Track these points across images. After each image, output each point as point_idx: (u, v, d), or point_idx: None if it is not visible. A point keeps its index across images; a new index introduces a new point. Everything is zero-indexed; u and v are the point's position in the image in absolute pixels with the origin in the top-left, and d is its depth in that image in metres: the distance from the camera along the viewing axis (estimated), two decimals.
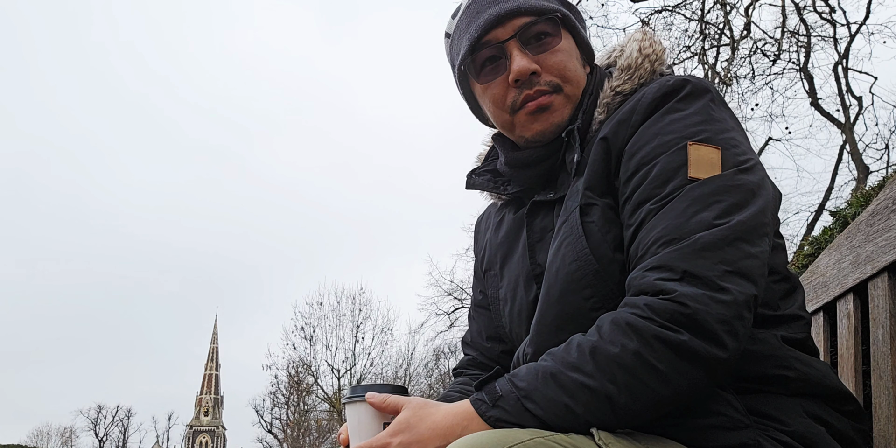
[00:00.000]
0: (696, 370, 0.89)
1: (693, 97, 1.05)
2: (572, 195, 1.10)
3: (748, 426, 0.96)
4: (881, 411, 1.27)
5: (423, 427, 0.96)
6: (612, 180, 1.07)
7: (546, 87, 1.15)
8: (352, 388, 1.07)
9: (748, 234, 0.94)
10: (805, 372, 1.01)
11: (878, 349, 1.31)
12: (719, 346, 0.89)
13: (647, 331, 0.90)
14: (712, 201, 0.95)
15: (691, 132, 1.01)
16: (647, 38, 1.18)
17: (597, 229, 1.05)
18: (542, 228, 1.17)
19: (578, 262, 1.04)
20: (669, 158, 1.00)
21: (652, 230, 0.97)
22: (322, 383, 27.25)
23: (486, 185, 1.30)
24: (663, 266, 0.93)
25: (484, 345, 1.36)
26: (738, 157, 1.00)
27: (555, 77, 1.15)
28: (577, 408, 0.90)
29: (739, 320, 0.91)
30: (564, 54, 1.16)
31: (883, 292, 1.32)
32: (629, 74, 1.14)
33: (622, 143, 1.06)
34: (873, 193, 2.88)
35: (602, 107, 1.14)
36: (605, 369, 0.90)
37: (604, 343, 0.92)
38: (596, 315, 1.00)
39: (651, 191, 1.00)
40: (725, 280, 0.91)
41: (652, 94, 1.06)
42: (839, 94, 12.19)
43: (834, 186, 12.40)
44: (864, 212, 1.44)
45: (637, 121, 1.06)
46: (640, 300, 0.93)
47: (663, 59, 1.17)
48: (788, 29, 11.73)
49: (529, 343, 1.12)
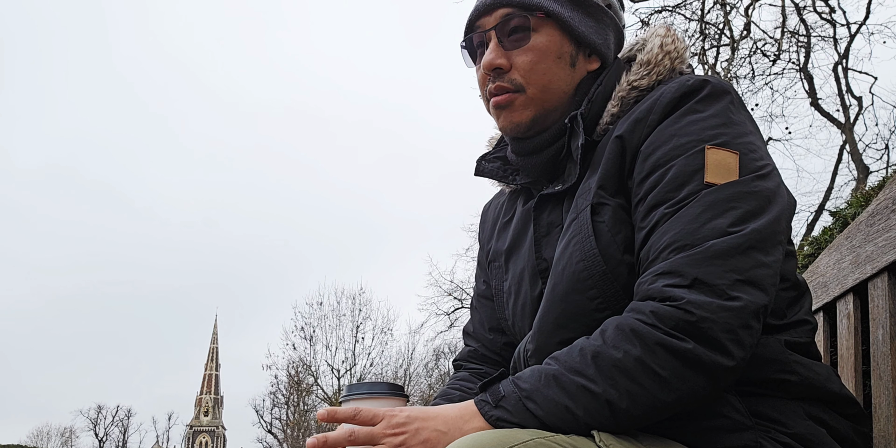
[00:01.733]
0: (700, 378, 0.89)
1: (712, 99, 1.03)
2: (584, 192, 1.08)
3: (750, 428, 0.95)
4: (881, 412, 1.27)
5: (428, 420, 0.95)
6: (626, 180, 1.05)
7: (507, 85, 1.13)
8: (348, 386, 1.08)
9: (762, 243, 0.93)
10: (807, 376, 1.01)
11: (878, 349, 1.31)
12: (725, 355, 0.88)
13: (650, 337, 0.89)
14: (727, 208, 0.94)
15: (709, 135, 0.99)
16: (669, 34, 1.16)
17: (607, 229, 1.03)
18: (549, 223, 1.16)
19: (585, 262, 1.03)
20: (686, 162, 0.98)
21: (664, 235, 0.96)
22: (322, 383, 27.27)
23: (495, 173, 1.28)
24: (673, 272, 0.92)
25: (486, 336, 1.35)
26: (756, 163, 0.98)
27: (519, 76, 1.13)
28: (576, 410, 0.90)
29: (746, 330, 0.90)
30: (536, 54, 1.13)
31: (883, 292, 1.32)
32: (648, 70, 1.12)
33: (638, 142, 1.04)
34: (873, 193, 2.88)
35: (616, 99, 1.11)
36: (607, 374, 0.90)
37: (607, 348, 0.91)
38: (600, 316, 0.99)
39: (665, 194, 0.98)
40: (736, 289, 0.90)
41: (671, 94, 1.04)
42: (839, 94, 12.19)
43: (834, 186, 12.40)
44: (864, 212, 1.44)
45: (654, 120, 1.04)
46: (647, 306, 0.92)
47: (684, 57, 1.15)
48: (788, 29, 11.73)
49: (531, 339, 1.11)
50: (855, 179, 11.85)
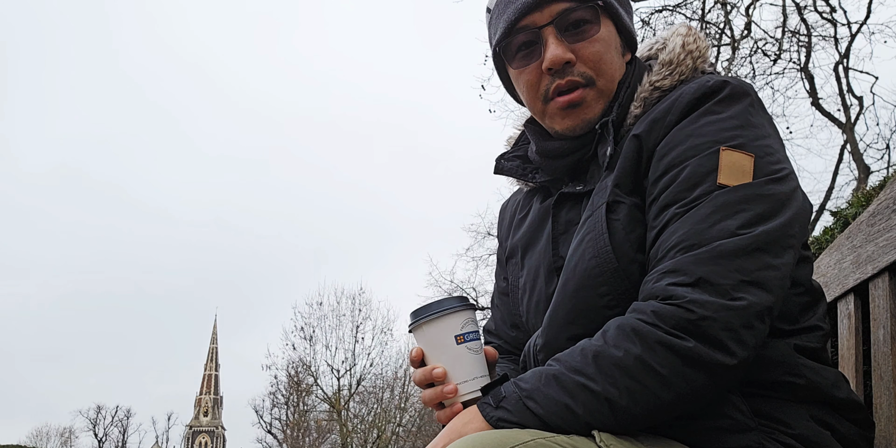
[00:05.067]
0: (700, 376, 0.89)
1: (732, 100, 1.02)
2: (600, 191, 1.08)
3: (753, 429, 0.95)
4: (882, 412, 1.27)
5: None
6: (641, 179, 1.05)
7: (579, 79, 1.11)
8: (413, 312, 1.07)
9: (771, 245, 0.93)
10: (815, 380, 1.00)
11: (879, 349, 1.30)
12: (726, 354, 0.88)
13: (651, 336, 0.90)
14: (738, 210, 0.94)
15: (725, 137, 0.99)
16: (691, 33, 1.15)
17: (621, 228, 1.03)
18: (568, 221, 1.15)
19: (598, 259, 1.03)
20: (700, 162, 0.98)
21: (673, 234, 0.96)
22: (322, 383, 27.28)
23: (515, 172, 1.28)
24: (678, 270, 0.93)
25: (508, 333, 1.34)
26: (772, 166, 0.98)
27: (589, 69, 1.11)
28: (576, 408, 0.90)
29: (748, 330, 0.89)
30: (602, 44, 1.12)
31: (884, 292, 1.31)
32: (670, 70, 1.12)
33: (654, 142, 1.04)
34: (874, 193, 2.88)
35: (639, 101, 1.11)
36: (607, 372, 0.90)
37: (608, 347, 0.91)
38: (610, 313, 0.99)
39: (678, 194, 0.98)
40: (740, 289, 0.90)
41: (690, 95, 1.04)
42: (840, 93, 12.17)
43: (835, 186, 12.39)
44: (865, 212, 1.44)
45: (672, 121, 1.04)
46: (648, 306, 0.92)
47: (706, 56, 1.14)
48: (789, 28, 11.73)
49: (541, 334, 1.11)
50: (856, 179, 11.85)
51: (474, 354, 1.05)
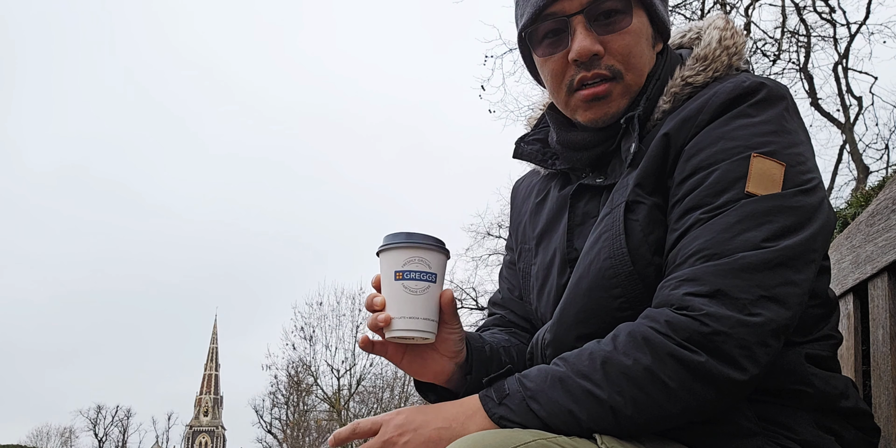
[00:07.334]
0: (709, 391, 0.87)
1: (767, 104, 0.98)
2: (621, 188, 1.05)
3: (756, 434, 0.94)
4: (881, 412, 1.27)
5: (428, 419, 0.95)
6: (666, 179, 1.02)
7: (606, 72, 1.06)
8: (385, 236, 1.04)
9: (794, 261, 0.91)
10: (823, 389, 0.99)
11: (878, 349, 1.30)
12: (737, 370, 0.87)
13: (662, 347, 0.88)
14: (764, 221, 0.91)
15: (758, 142, 0.95)
16: (728, 27, 1.10)
17: (639, 229, 1.01)
18: (585, 213, 1.12)
19: (613, 260, 1.01)
20: (730, 167, 0.95)
21: (695, 240, 0.93)
22: (322, 383, 27.27)
23: (535, 157, 1.23)
24: (697, 279, 0.90)
25: (516, 302, 1.30)
26: (802, 176, 0.95)
27: (617, 62, 1.07)
28: (580, 414, 0.89)
29: (763, 347, 0.88)
30: (633, 37, 1.07)
31: (883, 292, 1.32)
32: (704, 65, 1.07)
33: (683, 141, 1.00)
34: (873, 193, 2.88)
35: (669, 95, 1.07)
36: (614, 380, 0.89)
37: (617, 354, 0.90)
38: (622, 315, 0.98)
39: (704, 198, 0.95)
40: (758, 305, 0.88)
41: (725, 94, 0.99)
42: (839, 94, 12.19)
43: (834, 186, 12.40)
44: (864, 212, 1.44)
45: (703, 121, 0.99)
46: (662, 314, 0.90)
47: (742, 52, 1.10)
48: (788, 29, 11.74)
49: (549, 329, 1.09)
50: (855, 179, 11.85)
51: (410, 294, 1.01)
